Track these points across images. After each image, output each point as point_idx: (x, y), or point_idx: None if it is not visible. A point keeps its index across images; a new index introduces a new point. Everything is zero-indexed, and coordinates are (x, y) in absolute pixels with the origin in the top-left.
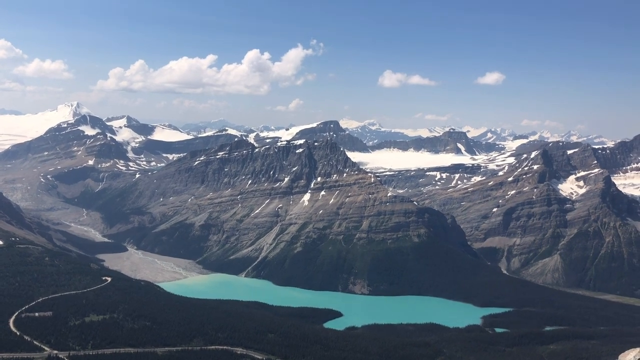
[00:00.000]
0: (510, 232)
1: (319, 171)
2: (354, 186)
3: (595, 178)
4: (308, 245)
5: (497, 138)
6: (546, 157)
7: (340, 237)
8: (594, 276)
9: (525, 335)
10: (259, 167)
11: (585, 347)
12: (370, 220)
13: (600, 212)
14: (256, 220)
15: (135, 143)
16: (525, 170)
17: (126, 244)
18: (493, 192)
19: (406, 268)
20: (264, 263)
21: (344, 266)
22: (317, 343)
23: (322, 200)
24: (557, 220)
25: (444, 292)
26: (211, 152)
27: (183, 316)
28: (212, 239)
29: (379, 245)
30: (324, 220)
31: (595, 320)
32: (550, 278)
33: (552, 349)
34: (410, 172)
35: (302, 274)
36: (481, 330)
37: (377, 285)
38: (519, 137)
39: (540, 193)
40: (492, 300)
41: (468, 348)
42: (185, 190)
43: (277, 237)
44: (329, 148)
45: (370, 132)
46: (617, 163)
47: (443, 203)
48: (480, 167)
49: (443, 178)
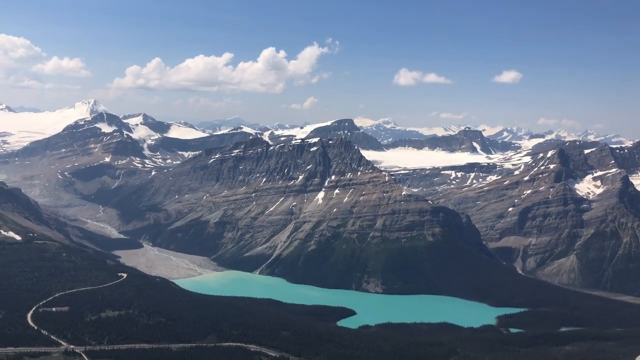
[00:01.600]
0: (526, 232)
1: (333, 169)
2: (368, 185)
3: (612, 178)
4: (322, 243)
5: (513, 137)
6: (563, 156)
7: (354, 235)
8: (611, 277)
9: (541, 335)
10: (274, 165)
11: (602, 348)
12: (384, 219)
13: (617, 213)
14: (270, 218)
15: (151, 140)
16: (541, 169)
17: (142, 240)
18: (509, 192)
19: (420, 267)
20: (278, 261)
21: (358, 265)
22: (331, 341)
23: (336, 199)
24: (573, 220)
25: (458, 292)
26: (226, 150)
27: (197, 313)
28: (227, 236)
29: (393, 244)
30: (337, 218)
31: (611, 322)
32: (566, 278)
33: (567, 350)
34: (425, 170)
35: (315, 272)
36: (496, 330)
37: (391, 284)
38: (535, 136)
39: (557, 193)
40: (507, 300)
41: (482, 348)
42: (200, 187)
43: (291, 235)
44: (343, 146)
45: (384, 131)
46: (636, 163)
47: (458, 202)
48: (495, 166)
49: (458, 177)
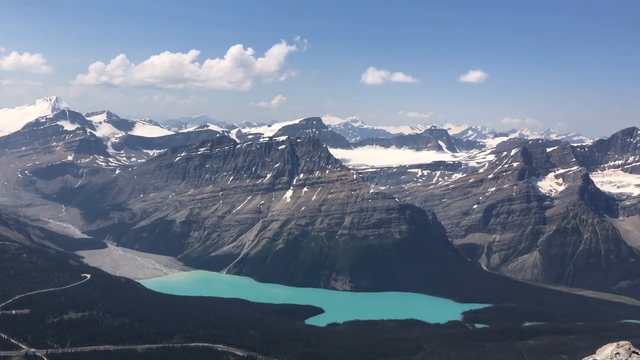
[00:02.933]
0: (490, 229)
1: (302, 168)
2: (336, 183)
3: (574, 175)
4: (290, 242)
5: (478, 136)
6: (526, 154)
7: (322, 233)
8: (572, 272)
9: (505, 330)
10: (241, 163)
11: (563, 342)
12: (352, 217)
13: (578, 209)
14: (238, 217)
15: (116, 138)
16: (505, 167)
17: (106, 240)
18: (473, 189)
19: (388, 264)
20: (246, 260)
21: (326, 263)
22: (299, 340)
23: (304, 197)
24: (536, 217)
25: (425, 288)
26: (192, 148)
27: (164, 313)
28: (193, 236)
29: (361, 241)
30: (306, 216)
31: (573, 316)
32: (530, 274)
33: (531, 344)
34: (392, 169)
35: (284, 271)
36: (461, 326)
37: (359, 281)
38: (499, 134)
39: (520, 190)
40: (472, 296)
41: (448, 344)
42: (166, 186)
43: (259, 233)
44: (311, 144)
45: (352, 129)
46: (596, 161)
47: (424, 200)
48: (461, 164)
49: (424, 175)
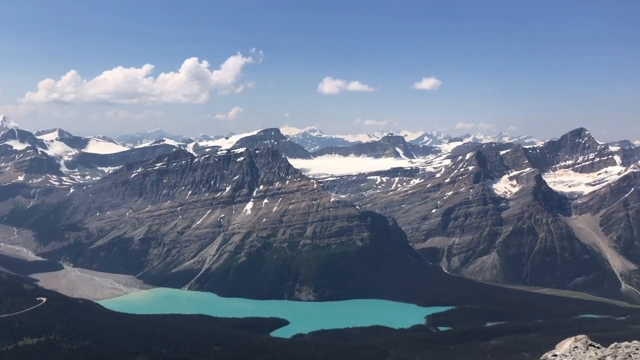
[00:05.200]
0: (449, 232)
1: (261, 179)
2: (297, 193)
3: (527, 177)
4: (252, 254)
5: (434, 141)
6: (480, 158)
7: (284, 244)
8: (530, 271)
9: (468, 332)
10: (199, 177)
11: (524, 340)
12: (314, 226)
13: (533, 210)
14: (198, 232)
15: (68, 157)
16: (461, 171)
17: (62, 261)
18: (431, 194)
19: (351, 272)
20: (208, 275)
21: (290, 274)
22: (265, 352)
23: (265, 209)
24: (493, 218)
25: (388, 294)
26: (148, 163)
27: (125, 333)
28: (153, 253)
29: (323, 250)
30: (267, 228)
31: (532, 314)
32: (489, 275)
33: (493, 344)
34: (351, 177)
35: (247, 284)
36: (425, 330)
37: (323, 290)
38: (454, 139)
39: (476, 193)
40: (434, 299)
41: (413, 348)
42: (122, 203)
43: (220, 247)
44: (270, 155)
45: (311, 139)
46: (547, 162)
47: (384, 206)
48: (418, 170)
49: (383, 182)
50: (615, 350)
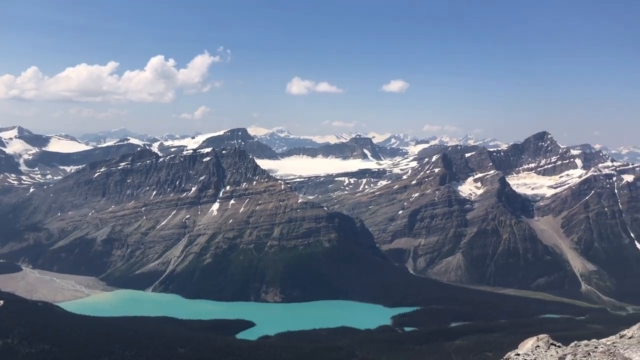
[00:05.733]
0: (416, 233)
1: (228, 180)
2: (264, 194)
3: (491, 179)
4: (218, 256)
5: (401, 143)
6: (446, 160)
7: (251, 246)
8: (494, 272)
9: (433, 332)
10: (164, 177)
11: (488, 340)
12: (281, 228)
13: (497, 211)
14: (162, 233)
15: (28, 155)
16: (427, 173)
17: (20, 263)
18: (398, 195)
19: (318, 273)
20: (172, 276)
21: (256, 275)
22: (230, 355)
23: (231, 210)
24: (458, 220)
25: (355, 295)
26: (112, 162)
27: (86, 336)
28: (116, 254)
29: (290, 252)
30: (234, 229)
31: (496, 314)
32: (454, 276)
33: (458, 344)
34: (319, 178)
35: (212, 286)
36: (392, 331)
37: (290, 292)
38: (420, 142)
39: (442, 195)
40: (401, 300)
41: (379, 349)
42: (85, 203)
43: (186, 249)
44: (237, 156)
45: (279, 139)
46: (511, 164)
47: (352, 207)
48: (385, 171)
49: (351, 183)
50: (575, 348)
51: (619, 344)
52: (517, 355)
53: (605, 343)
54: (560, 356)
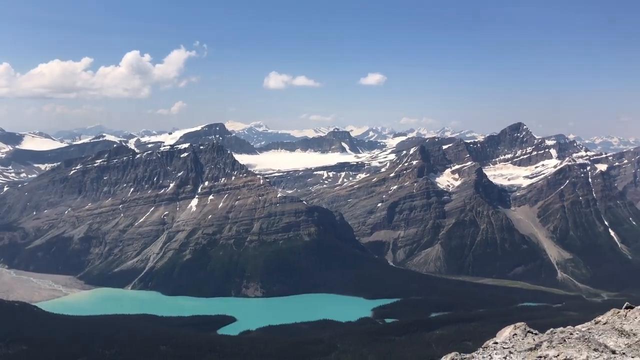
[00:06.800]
0: (395, 225)
1: (206, 175)
2: (243, 189)
3: (468, 170)
4: (198, 251)
5: (379, 136)
6: (424, 152)
7: (231, 241)
8: (472, 262)
9: (413, 323)
10: (142, 173)
11: (468, 329)
12: (261, 222)
13: (474, 202)
14: (141, 230)
15: (2, 154)
16: (405, 166)
17: None
18: (377, 188)
19: (298, 267)
20: (152, 273)
21: (236, 270)
22: (212, 350)
23: (210, 205)
24: (436, 211)
25: (335, 288)
26: (88, 160)
27: (65, 336)
28: (94, 252)
29: (270, 246)
30: (213, 225)
31: (475, 304)
32: (433, 267)
33: (438, 334)
34: (298, 172)
35: (192, 282)
36: (372, 322)
37: (270, 286)
38: (398, 134)
39: (420, 187)
40: (381, 292)
41: (360, 341)
42: (61, 202)
43: (165, 245)
44: (215, 151)
45: (257, 134)
46: (487, 155)
47: (331, 201)
48: (364, 164)
49: (330, 177)
50: (552, 335)
51: (593, 330)
52: (495, 344)
53: (580, 329)
54: (536, 343)
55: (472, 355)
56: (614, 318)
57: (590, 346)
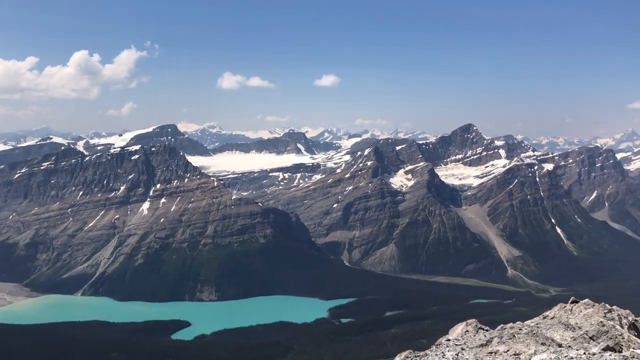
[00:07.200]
0: (350, 226)
1: (158, 177)
2: (196, 191)
3: (421, 171)
4: (150, 256)
5: (334, 137)
6: (378, 153)
7: (184, 244)
8: (425, 261)
9: (369, 322)
10: (91, 176)
11: (422, 327)
12: (215, 225)
13: (427, 202)
14: (91, 234)
15: None
16: (360, 166)
17: None
18: (332, 189)
19: (254, 270)
20: (103, 279)
21: (190, 274)
22: (166, 356)
23: (163, 208)
24: (390, 211)
25: (291, 290)
26: (34, 162)
27: (10, 347)
28: (41, 258)
29: (225, 249)
30: (166, 228)
31: (428, 302)
32: (388, 266)
33: (393, 333)
34: (253, 173)
35: (145, 287)
36: (328, 323)
37: (226, 290)
38: (353, 135)
39: (375, 187)
40: (337, 292)
41: (317, 341)
42: (5, 206)
43: (116, 250)
44: (167, 153)
45: (210, 135)
46: (439, 156)
47: (287, 202)
48: (319, 165)
49: (286, 178)
50: (502, 331)
51: (542, 325)
52: (447, 341)
53: (529, 324)
54: (487, 339)
55: (426, 353)
56: (560, 313)
57: (538, 340)
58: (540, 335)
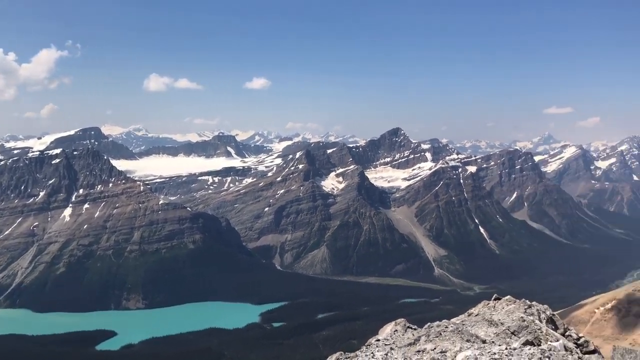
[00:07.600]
0: (282, 229)
1: (81, 182)
2: (121, 196)
3: (351, 174)
4: (72, 264)
5: (265, 140)
6: (309, 156)
7: (109, 252)
8: (356, 262)
9: (301, 325)
10: (7, 182)
11: (353, 328)
12: (142, 231)
13: (357, 204)
14: (7, 243)
15: None
16: (291, 170)
17: None
18: (264, 193)
19: (183, 276)
20: (20, 289)
21: (116, 282)
22: None
23: (86, 214)
24: (322, 214)
25: (222, 295)
26: None
27: None
28: None
29: (152, 256)
30: (89, 235)
31: (359, 303)
32: (320, 268)
33: (325, 335)
34: (182, 177)
35: (67, 297)
36: (260, 327)
37: (153, 297)
38: (284, 139)
39: (306, 190)
40: (268, 296)
41: (248, 346)
42: None
43: (35, 259)
44: (90, 157)
45: (136, 138)
46: (369, 159)
47: (217, 207)
48: (250, 169)
49: (215, 182)
50: (429, 330)
51: (467, 322)
52: (377, 341)
53: (454, 322)
54: (415, 338)
55: (356, 354)
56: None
57: (463, 337)
58: (466, 333)
